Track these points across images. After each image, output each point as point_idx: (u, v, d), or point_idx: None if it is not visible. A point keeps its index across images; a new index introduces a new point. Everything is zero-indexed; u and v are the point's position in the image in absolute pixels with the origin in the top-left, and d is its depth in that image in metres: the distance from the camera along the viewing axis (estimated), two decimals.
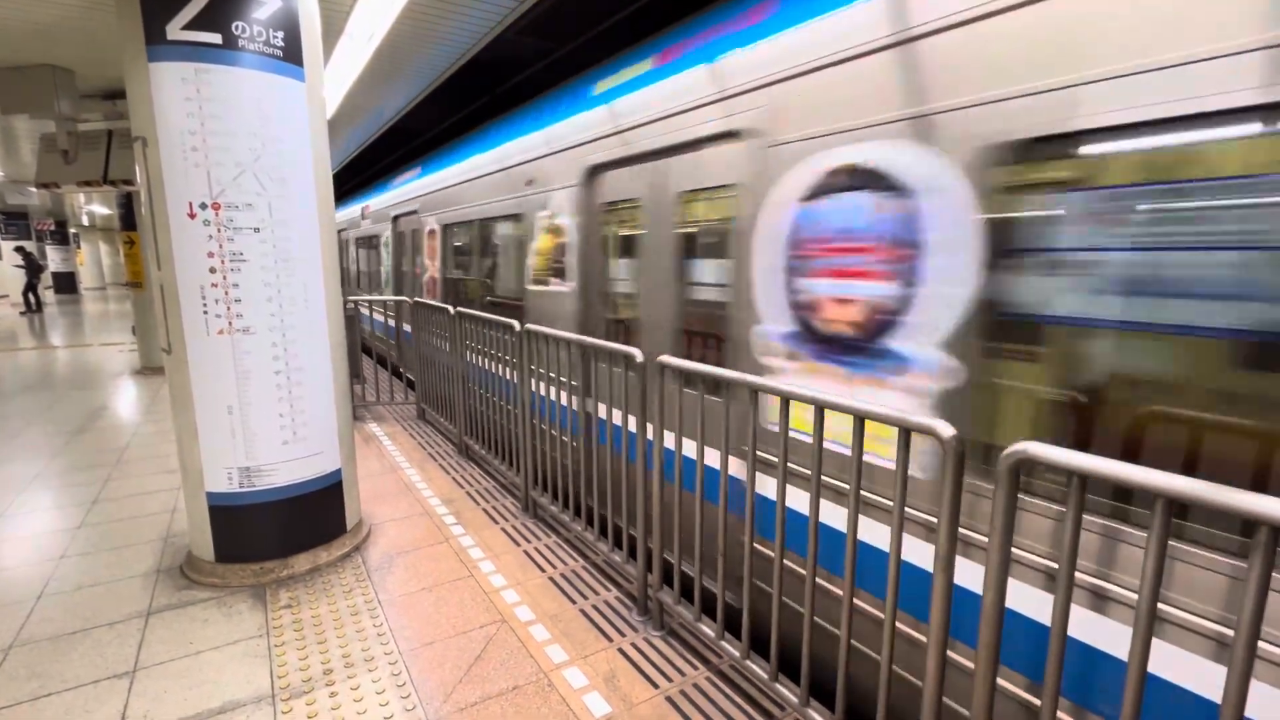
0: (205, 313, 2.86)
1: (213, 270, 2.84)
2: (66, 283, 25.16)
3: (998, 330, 1.83)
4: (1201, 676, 1.47)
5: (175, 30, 2.65)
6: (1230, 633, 1.41)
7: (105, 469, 4.77)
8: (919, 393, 2.02)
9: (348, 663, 2.51)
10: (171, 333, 2.92)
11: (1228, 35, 1.34)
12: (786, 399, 2.00)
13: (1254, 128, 1.36)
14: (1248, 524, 1.36)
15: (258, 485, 3.06)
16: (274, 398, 3.03)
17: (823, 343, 2.35)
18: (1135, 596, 1.51)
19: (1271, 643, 1.37)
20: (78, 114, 5.41)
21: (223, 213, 2.81)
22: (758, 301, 2.61)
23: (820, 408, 1.89)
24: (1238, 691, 1.10)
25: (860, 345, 2.21)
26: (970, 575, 1.93)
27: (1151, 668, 1.54)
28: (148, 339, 8.77)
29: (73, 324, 15.29)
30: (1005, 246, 1.80)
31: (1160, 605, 1.51)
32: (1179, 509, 1.49)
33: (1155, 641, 1.52)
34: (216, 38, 2.70)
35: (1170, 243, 1.49)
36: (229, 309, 2.88)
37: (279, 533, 3.15)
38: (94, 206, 19.82)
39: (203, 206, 2.78)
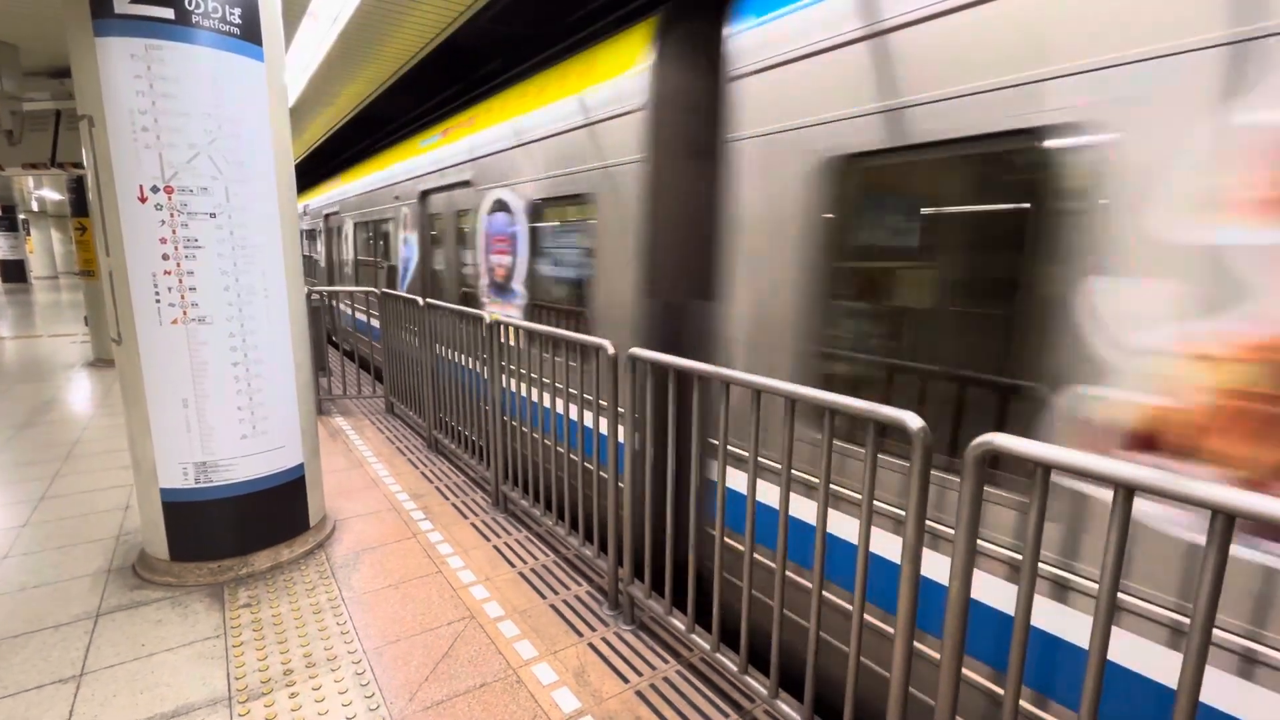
0: (158, 301, 2.74)
1: (165, 257, 2.72)
2: (15, 271, 24.09)
3: None
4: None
5: (124, 3, 2.52)
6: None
7: (53, 464, 4.57)
8: None
9: (309, 662, 2.44)
10: (122, 322, 2.79)
11: None
12: (758, 391, 1.99)
13: None
14: None
15: (215, 480, 2.95)
16: (232, 390, 2.93)
17: None
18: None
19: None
20: (23, 92, 5.15)
21: (176, 197, 2.69)
22: None
23: (791, 400, 1.88)
24: (1193, 677, 1.12)
25: None
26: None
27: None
28: (101, 329, 8.43)
29: (22, 314, 14.64)
30: None
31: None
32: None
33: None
34: (168, 12, 2.57)
35: None
36: (183, 297, 2.77)
37: (238, 529, 3.05)
38: (44, 191, 18.98)
39: (154, 190, 2.66)
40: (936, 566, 1.96)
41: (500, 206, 4.47)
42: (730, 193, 2.72)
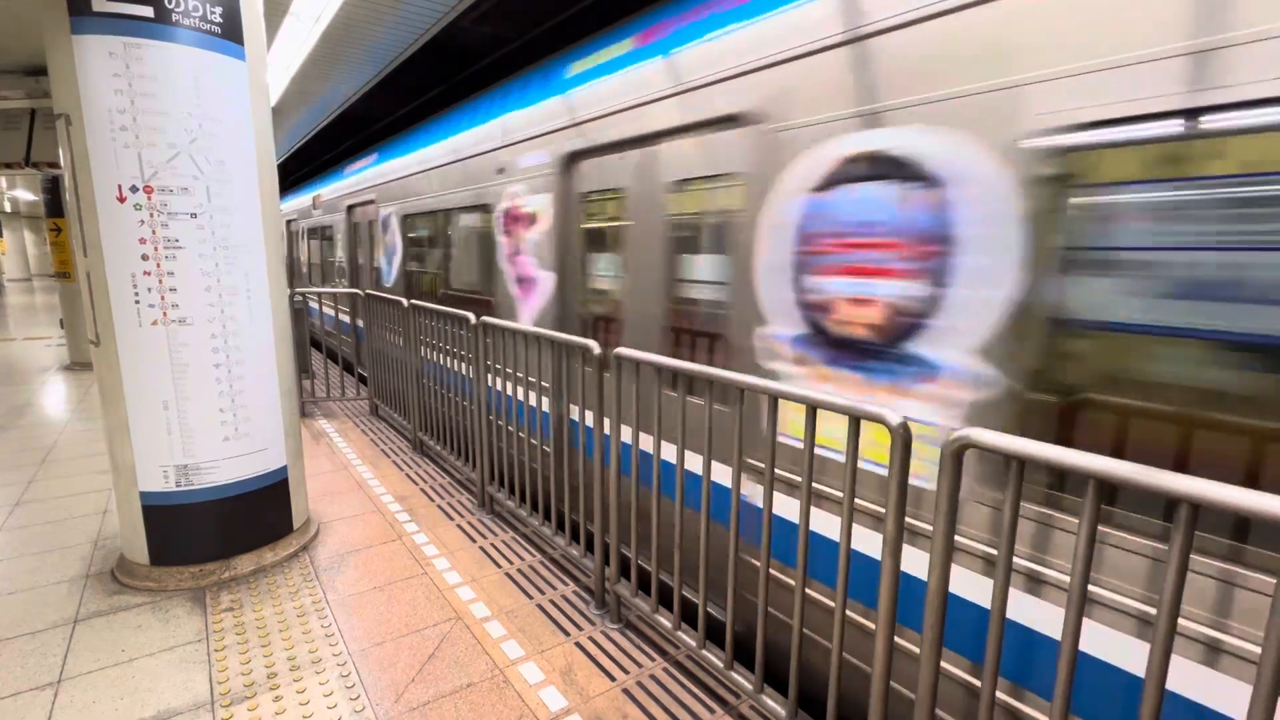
0: (137, 302, 2.71)
1: (145, 258, 2.69)
2: None
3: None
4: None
5: (102, 1, 2.49)
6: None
7: (29, 469, 4.48)
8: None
9: (293, 665, 2.42)
10: (100, 323, 2.76)
11: None
12: (742, 390, 2.01)
13: None
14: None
15: (196, 484, 2.92)
16: (214, 392, 2.90)
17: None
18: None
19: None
20: None
21: (156, 196, 2.66)
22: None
23: (774, 398, 1.91)
24: (1159, 667, 1.16)
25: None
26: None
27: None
28: (77, 332, 8.28)
29: None
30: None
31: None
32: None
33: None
34: (148, 10, 2.55)
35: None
36: (163, 298, 2.74)
37: (220, 533, 3.02)
38: (18, 192, 18.60)
39: (133, 190, 2.63)
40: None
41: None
42: None
